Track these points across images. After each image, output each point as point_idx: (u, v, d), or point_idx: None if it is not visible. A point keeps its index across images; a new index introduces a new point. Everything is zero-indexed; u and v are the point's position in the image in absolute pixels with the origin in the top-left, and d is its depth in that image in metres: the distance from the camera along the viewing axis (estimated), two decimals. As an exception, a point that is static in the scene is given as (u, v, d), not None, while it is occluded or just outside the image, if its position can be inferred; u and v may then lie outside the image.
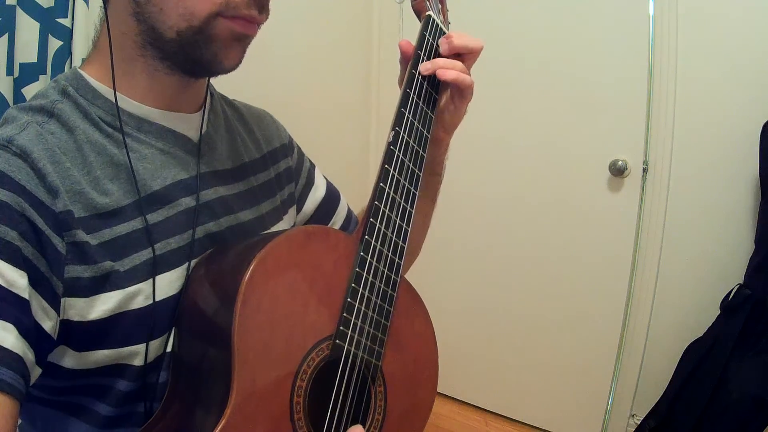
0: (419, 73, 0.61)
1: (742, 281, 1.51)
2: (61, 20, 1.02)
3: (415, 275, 0.66)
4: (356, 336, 0.55)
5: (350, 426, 0.54)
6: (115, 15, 0.51)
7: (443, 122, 0.67)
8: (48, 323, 0.45)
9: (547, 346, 1.88)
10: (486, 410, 2.04)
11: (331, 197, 0.80)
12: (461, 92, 0.64)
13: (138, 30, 0.50)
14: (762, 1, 1.48)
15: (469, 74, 0.63)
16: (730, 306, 1.49)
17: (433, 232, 0.80)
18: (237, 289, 0.46)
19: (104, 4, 0.52)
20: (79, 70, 0.53)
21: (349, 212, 0.82)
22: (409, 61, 0.62)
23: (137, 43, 0.51)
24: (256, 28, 0.53)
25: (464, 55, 0.63)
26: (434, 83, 0.63)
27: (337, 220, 0.80)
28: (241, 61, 0.53)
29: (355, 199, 0.85)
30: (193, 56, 0.50)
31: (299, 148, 0.78)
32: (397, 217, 0.59)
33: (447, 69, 0.60)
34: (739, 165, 1.54)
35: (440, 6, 0.68)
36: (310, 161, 0.79)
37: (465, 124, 0.69)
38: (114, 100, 0.52)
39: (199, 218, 0.56)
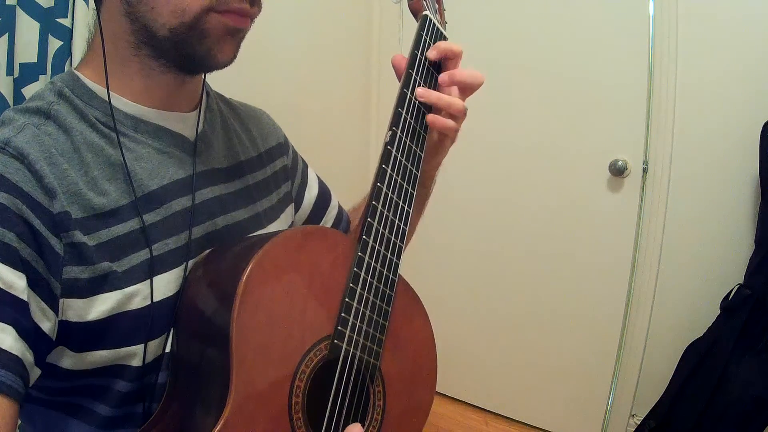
0: (416, 75, 0.61)
1: (742, 281, 1.51)
2: (61, 20, 1.02)
3: (414, 275, 0.66)
4: (354, 336, 0.55)
5: (349, 425, 0.54)
6: (108, 16, 0.51)
7: (428, 160, 0.67)
8: (46, 324, 0.45)
9: (548, 346, 1.88)
10: (486, 410, 2.03)
11: (324, 196, 0.80)
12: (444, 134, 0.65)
13: (131, 30, 0.50)
14: (762, 1, 1.48)
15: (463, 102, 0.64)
16: (730, 306, 1.49)
17: (432, 233, 0.80)
18: (235, 289, 0.46)
19: (97, 6, 0.52)
20: (74, 71, 0.54)
21: (340, 210, 0.83)
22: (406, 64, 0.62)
23: (131, 43, 0.51)
24: (249, 22, 0.53)
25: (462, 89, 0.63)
26: (432, 84, 0.63)
27: (329, 218, 0.81)
28: (235, 56, 0.53)
29: (355, 199, 0.85)
30: (187, 53, 0.50)
31: (293, 147, 0.78)
32: (394, 216, 0.59)
33: (437, 116, 0.62)
34: (739, 165, 1.54)
35: (437, 6, 0.68)
36: (303, 160, 0.79)
37: (465, 124, 0.69)
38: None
39: (196, 218, 0.56)
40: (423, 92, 0.61)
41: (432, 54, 0.62)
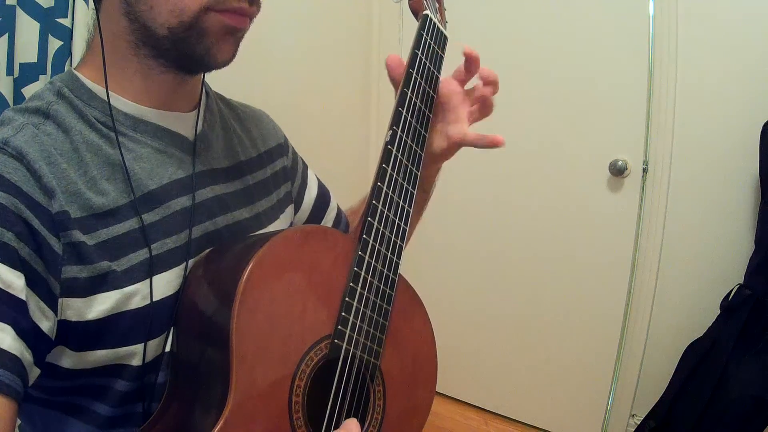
0: (417, 73, 0.61)
1: (742, 281, 1.51)
2: (61, 20, 1.02)
3: (415, 275, 0.65)
4: (355, 335, 0.55)
5: (345, 420, 0.54)
6: (107, 15, 0.51)
7: (429, 164, 0.67)
8: (46, 324, 0.45)
9: (547, 346, 1.88)
10: (486, 410, 2.03)
11: (323, 197, 0.80)
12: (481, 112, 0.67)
13: (130, 29, 0.50)
14: (762, 1, 1.48)
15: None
16: (730, 306, 1.49)
17: (432, 233, 0.80)
18: (235, 289, 0.46)
19: (96, 5, 0.52)
20: (74, 71, 0.54)
21: (339, 212, 0.83)
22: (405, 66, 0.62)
23: (130, 43, 0.51)
24: (248, 21, 0.53)
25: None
26: (431, 83, 0.63)
27: (328, 220, 0.81)
28: (234, 56, 0.53)
29: (356, 199, 0.85)
30: (186, 52, 0.50)
31: (293, 148, 0.78)
32: (395, 216, 0.59)
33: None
34: (739, 165, 1.54)
35: (437, 5, 0.68)
36: (303, 161, 0.79)
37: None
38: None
39: (196, 217, 0.56)
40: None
41: (467, 50, 0.62)
